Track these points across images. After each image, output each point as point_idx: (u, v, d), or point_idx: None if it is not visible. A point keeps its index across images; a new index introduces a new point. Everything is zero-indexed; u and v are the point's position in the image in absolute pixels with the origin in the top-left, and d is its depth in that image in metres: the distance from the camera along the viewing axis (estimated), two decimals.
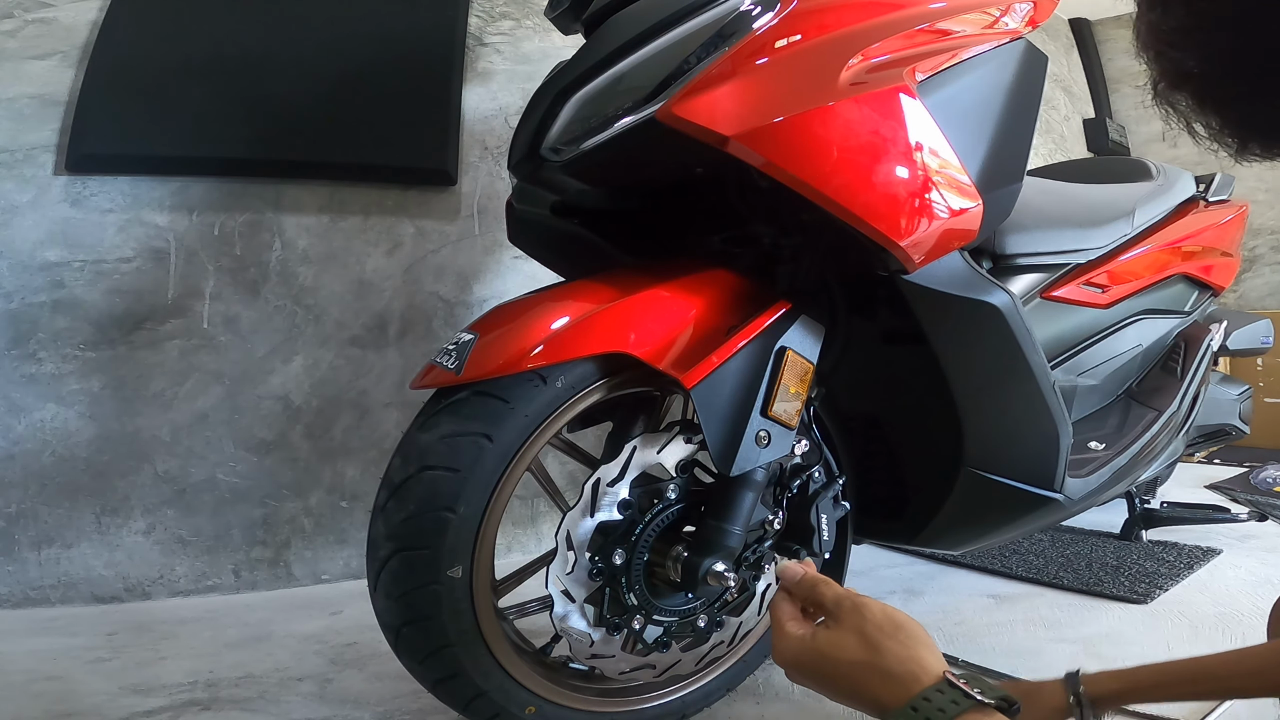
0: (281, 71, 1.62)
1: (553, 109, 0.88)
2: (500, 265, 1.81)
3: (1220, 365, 2.59)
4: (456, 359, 0.76)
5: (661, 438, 0.83)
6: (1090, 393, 1.40)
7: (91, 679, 1.08)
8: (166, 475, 1.48)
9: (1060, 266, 1.26)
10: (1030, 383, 0.97)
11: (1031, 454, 1.02)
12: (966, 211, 0.85)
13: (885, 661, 0.53)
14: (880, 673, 0.53)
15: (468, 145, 1.80)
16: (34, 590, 1.38)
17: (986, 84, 0.91)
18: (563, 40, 1.79)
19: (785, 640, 0.60)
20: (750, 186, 0.89)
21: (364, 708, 1.00)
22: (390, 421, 1.65)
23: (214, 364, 1.53)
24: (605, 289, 0.82)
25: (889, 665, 0.53)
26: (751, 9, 0.80)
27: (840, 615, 0.58)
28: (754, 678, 1.05)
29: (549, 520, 1.79)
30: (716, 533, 0.83)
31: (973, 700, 0.48)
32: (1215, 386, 1.73)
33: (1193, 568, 1.51)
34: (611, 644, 0.83)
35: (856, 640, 0.56)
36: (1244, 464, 2.64)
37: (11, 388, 1.40)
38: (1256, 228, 3.39)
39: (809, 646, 0.58)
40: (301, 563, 1.57)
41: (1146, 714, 0.93)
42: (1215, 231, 1.59)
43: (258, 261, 1.58)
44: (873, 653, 0.54)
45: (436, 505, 0.73)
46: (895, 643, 0.54)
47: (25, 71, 1.46)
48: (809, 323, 0.86)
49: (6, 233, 1.41)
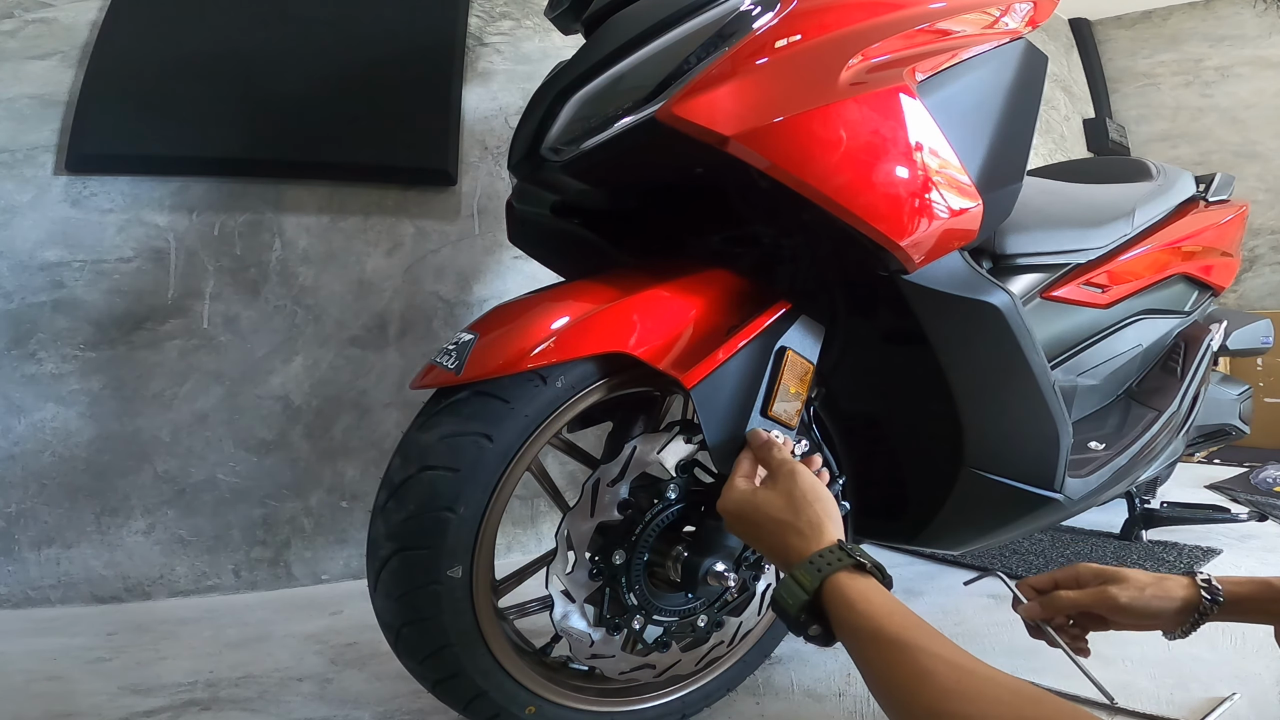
0: (281, 71, 1.62)
1: (553, 109, 0.88)
2: (500, 265, 1.81)
3: (1220, 365, 2.59)
4: (456, 359, 0.76)
5: (661, 438, 0.83)
6: (1090, 393, 1.40)
7: (91, 679, 1.08)
8: (166, 475, 1.48)
9: (1060, 266, 1.26)
10: (1030, 383, 0.97)
11: (1031, 454, 1.02)
12: (966, 211, 0.85)
13: (800, 522, 0.64)
14: (795, 530, 0.64)
15: (468, 145, 1.80)
16: (34, 590, 1.38)
17: (986, 84, 0.91)
18: (563, 40, 1.80)
19: (730, 491, 0.71)
20: (750, 186, 0.89)
21: (364, 708, 1.00)
22: (390, 421, 1.65)
23: (214, 364, 1.53)
24: (605, 289, 0.82)
25: (802, 525, 0.64)
26: (751, 9, 0.80)
27: (778, 478, 0.70)
28: (754, 678, 1.05)
29: (549, 520, 1.80)
30: (716, 533, 0.84)
31: (853, 560, 0.60)
32: (1215, 386, 1.73)
33: (1193, 568, 1.51)
34: (611, 644, 0.83)
35: (784, 501, 0.67)
36: (1244, 464, 2.64)
37: (11, 388, 1.40)
38: (1256, 228, 3.40)
39: (747, 499, 0.70)
40: (301, 563, 1.57)
41: (1146, 714, 0.93)
42: (1215, 231, 1.59)
43: (258, 261, 1.58)
44: (793, 513, 0.65)
45: (436, 505, 0.73)
46: (812, 509, 0.65)
47: (25, 71, 1.46)
48: (809, 323, 0.86)
49: (6, 233, 1.41)
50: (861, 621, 0.55)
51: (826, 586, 0.59)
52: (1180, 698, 0.97)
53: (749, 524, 0.69)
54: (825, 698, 1.01)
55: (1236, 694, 0.96)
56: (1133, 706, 0.95)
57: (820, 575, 0.59)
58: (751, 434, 0.78)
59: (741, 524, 0.70)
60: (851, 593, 0.57)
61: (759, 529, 0.68)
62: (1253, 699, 0.96)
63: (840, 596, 0.58)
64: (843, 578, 0.59)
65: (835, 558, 0.60)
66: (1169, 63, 3.78)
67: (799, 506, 0.66)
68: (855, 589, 0.58)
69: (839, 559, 0.60)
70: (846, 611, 0.57)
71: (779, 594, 0.61)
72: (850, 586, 0.58)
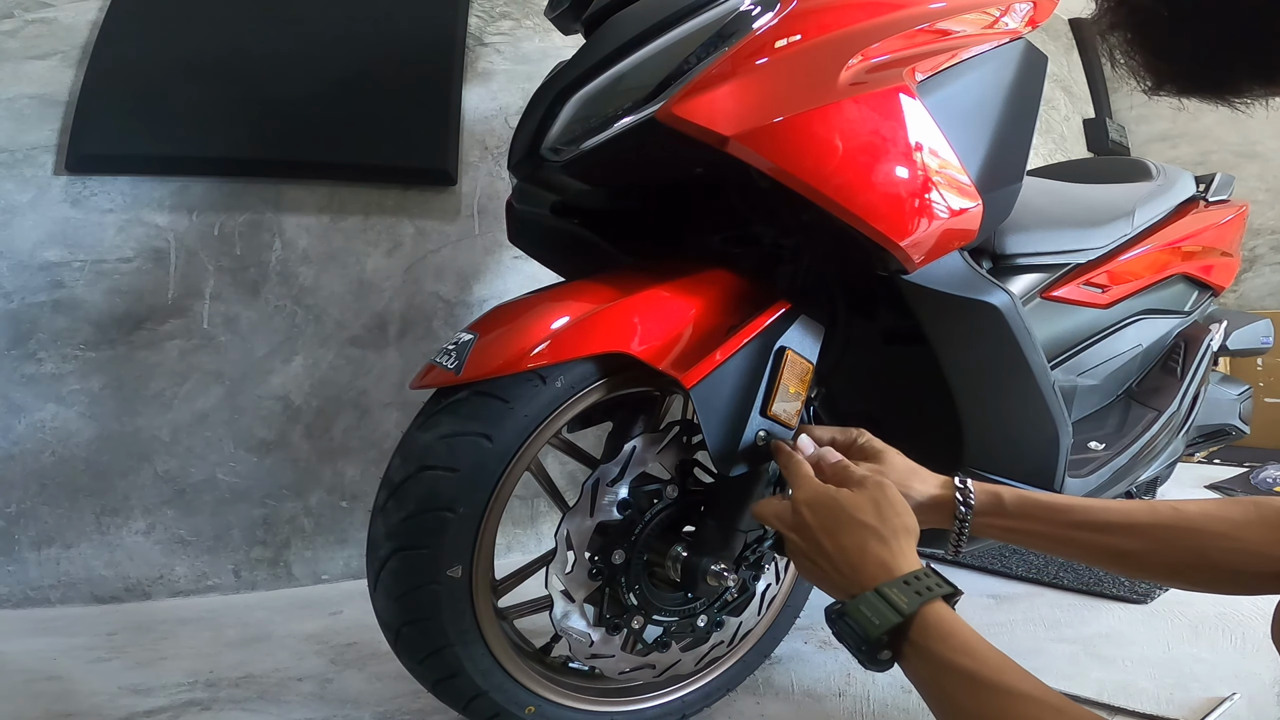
0: (281, 71, 1.62)
1: (553, 109, 0.88)
2: (500, 265, 1.81)
3: (1220, 365, 2.59)
4: (456, 359, 0.76)
5: (661, 438, 0.83)
6: (1090, 393, 1.40)
7: (91, 679, 1.08)
8: (166, 475, 1.48)
9: (1060, 266, 1.26)
10: (1030, 383, 0.97)
11: (1031, 454, 1.02)
12: (966, 211, 0.85)
13: (885, 530, 0.63)
14: (878, 536, 0.62)
15: (468, 145, 1.80)
16: (34, 590, 1.38)
17: (986, 84, 0.91)
18: (563, 40, 1.79)
19: (811, 483, 0.69)
20: (750, 186, 0.89)
21: (364, 708, 1.00)
22: (390, 421, 1.65)
23: (214, 364, 1.53)
24: (605, 289, 0.82)
25: (886, 533, 0.62)
26: (751, 9, 0.80)
27: (866, 485, 0.67)
28: (754, 677, 1.05)
29: (549, 520, 1.79)
30: (716, 533, 0.84)
31: (950, 588, 0.58)
32: (1215, 386, 1.73)
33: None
34: (611, 644, 0.83)
35: (873, 508, 0.64)
36: (1244, 464, 2.64)
37: (11, 388, 1.40)
38: (1256, 228, 3.39)
39: (832, 495, 0.67)
40: (301, 563, 1.57)
41: (1147, 714, 0.93)
42: (1215, 231, 1.59)
43: (258, 261, 1.58)
44: (880, 519, 0.63)
45: (436, 505, 0.73)
46: (900, 519, 0.64)
47: (25, 71, 1.46)
48: (809, 323, 0.86)
49: (6, 233, 1.41)
50: (957, 659, 0.52)
51: (921, 614, 0.55)
52: (1180, 698, 0.97)
53: (829, 520, 0.65)
54: (825, 698, 1.01)
55: (1236, 694, 0.96)
56: (1133, 706, 0.95)
57: (920, 600, 0.55)
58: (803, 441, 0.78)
59: (820, 518, 0.66)
60: (947, 625, 0.54)
61: (839, 526, 0.64)
62: (1252, 699, 0.96)
63: (935, 627, 0.54)
64: (940, 606, 0.56)
65: (934, 582, 0.57)
66: None
67: (885, 515, 0.63)
68: (951, 621, 0.55)
69: (938, 584, 0.57)
70: (939, 645, 0.54)
71: (858, 611, 0.57)
72: (946, 617, 0.55)
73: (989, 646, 0.53)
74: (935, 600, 0.56)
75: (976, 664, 0.52)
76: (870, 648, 0.56)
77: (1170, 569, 0.67)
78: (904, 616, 0.55)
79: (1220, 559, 0.64)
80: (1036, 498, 0.73)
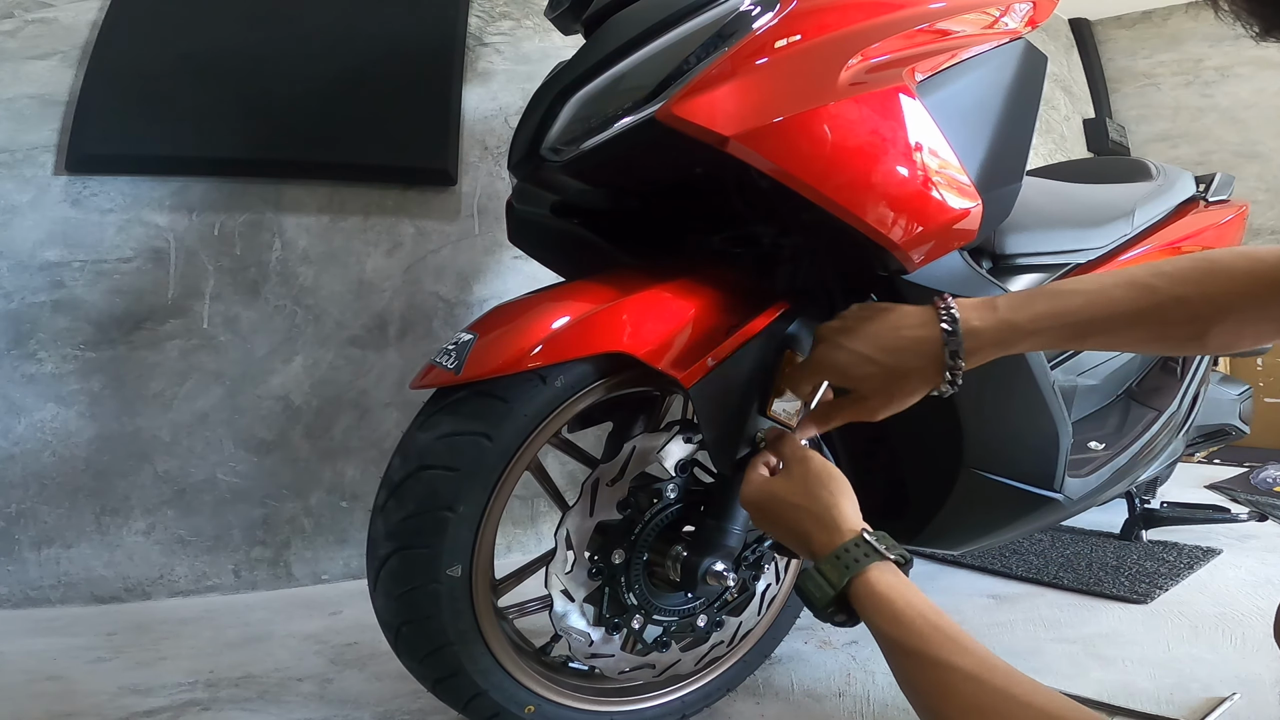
0: (281, 71, 1.62)
1: (553, 109, 0.88)
2: (500, 265, 1.81)
3: (1220, 365, 2.59)
4: (456, 359, 0.76)
5: (661, 438, 0.83)
6: (1090, 393, 1.40)
7: (91, 679, 1.08)
8: (166, 475, 1.48)
9: (1060, 266, 1.26)
10: (1030, 383, 0.97)
11: (1031, 454, 1.02)
12: (966, 212, 0.85)
13: (815, 507, 0.64)
14: (812, 516, 0.64)
15: (468, 145, 1.80)
16: (34, 590, 1.38)
17: (986, 84, 0.91)
18: (563, 40, 1.79)
19: (749, 484, 0.71)
20: (750, 187, 0.89)
21: (364, 708, 1.00)
22: (390, 421, 1.65)
23: (214, 364, 1.53)
24: (605, 289, 0.82)
25: (818, 510, 0.64)
26: (751, 9, 0.80)
27: (791, 466, 0.70)
28: (754, 678, 1.05)
29: (549, 520, 1.79)
30: (716, 532, 0.83)
31: (879, 554, 0.59)
32: (1215, 386, 1.73)
33: (1193, 568, 1.51)
34: (611, 643, 0.83)
35: (799, 487, 0.66)
36: (1244, 464, 2.64)
37: (11, 388, 1.40)
38: (1256, 228, 3.39)
39: (764, 487, 0.69)
40: (301, 563, 1.57)
41: (1147, 714, 0.93)
42: (1215, 231, 1.59)
43: (258, 261, 1.58)
44: (808, 498, 0.65)
45: (436, 505, 0.73)
46: (826, 491, 0.65)
47: (25, 71, 1.46)
48: (808, 323, 0.86)
49: (6, 233, 1.41)
50: (886, 628, 0.55)
51: (853, 585, 0.58)
52: (1180, 698, 0.97)
53: (768, 513, 0.68)
54: (825, 698, 1.02)
55: (1236, 694, 0.96)
56: (1133, 706, 0.95)
57: (848, 572, 0.58)
58: (768, 430, 0.79)
59: (762, 514, 0.69)
60: (879, 594, 0.57)
61: (778, 517, 0.67)
62: (1252, 699, 0.96)
63: (868, 599, 0.57)
64: (871, 576, 0.58)
65: (861, 553, 0.59)
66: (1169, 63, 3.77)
67: (813, 491, 0.65)
68: (884, 590, 0.57)
69: (865, 553, 0.59)
70: (873, 615, 0.56)
71: (805, 584, 0.61)
72: (875, 588, 0.57)
73: (919, 614, 0.55)
74: (864, 571, 0.58)
75: (902, 633, 0.54)
76: (824, 616, 0.60)
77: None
78: (835, 589, 0.58)
79: None
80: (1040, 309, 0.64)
